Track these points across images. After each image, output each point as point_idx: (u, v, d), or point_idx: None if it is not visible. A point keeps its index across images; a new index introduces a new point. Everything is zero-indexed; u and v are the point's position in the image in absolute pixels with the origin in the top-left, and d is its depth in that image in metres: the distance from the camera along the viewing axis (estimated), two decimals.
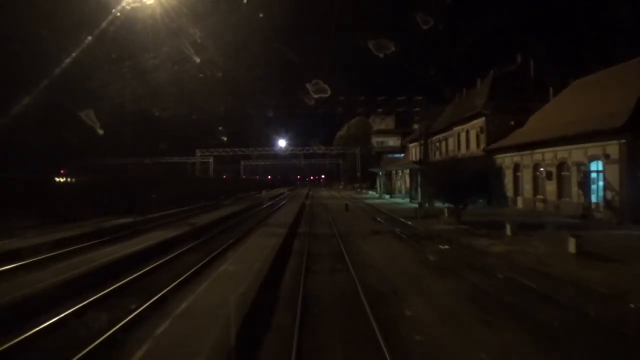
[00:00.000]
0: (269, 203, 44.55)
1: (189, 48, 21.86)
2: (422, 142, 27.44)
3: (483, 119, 34.79)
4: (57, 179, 31.24)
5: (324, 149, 77.26)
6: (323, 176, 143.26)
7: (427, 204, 27.83)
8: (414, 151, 58.18)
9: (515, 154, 29.98)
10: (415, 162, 36.17)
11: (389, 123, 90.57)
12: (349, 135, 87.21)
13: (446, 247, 16.44)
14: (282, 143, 79.68)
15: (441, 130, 46.68)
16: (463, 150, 39.29)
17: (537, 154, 27.30)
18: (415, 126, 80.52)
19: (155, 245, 15.14)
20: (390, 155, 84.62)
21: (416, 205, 32.92)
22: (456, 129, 41.40)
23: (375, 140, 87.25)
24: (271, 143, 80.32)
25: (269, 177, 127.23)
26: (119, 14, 19.30)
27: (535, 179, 27.87)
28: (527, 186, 28.70)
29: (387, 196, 47.69)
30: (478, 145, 36.09)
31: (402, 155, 78.65)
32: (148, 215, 25.52)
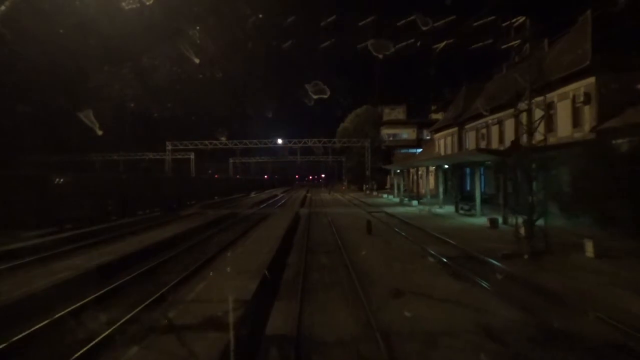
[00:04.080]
0: (249, 212, 31.09)
1: (188, 48, 20.79)
2: (525, 107, 13.68)
3: (592, 80, 21.26)
4: None
5: (326, 141, 63.76)
6: (323, 175, 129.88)
7: (516, 221, 14.63)
8: (444, 142, 44.71)
9: None
10: (488, 152, 22.41)
11: (399, 114, 77.14)
12: (354, 127, 73.44)
13: None
14: (279, 141, 66.29)
15: (487, 112, 33.22)
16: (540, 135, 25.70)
17: None
18: (434, 116, 67.12)
19: None
20: (403, 151, 71.30)
21: (478, 221, 19.45)
22: (523, 104, 27.76)
23: (386, 132, 73.67)
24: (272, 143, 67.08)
25: (266, 176, 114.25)
26: None
27: None
28: None
29: (415, 202, 34.22)
30: (576, 124, 22.55)
31: (419, 150, 65.28)
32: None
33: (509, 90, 31.21)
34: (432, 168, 45.57)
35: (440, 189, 30.54)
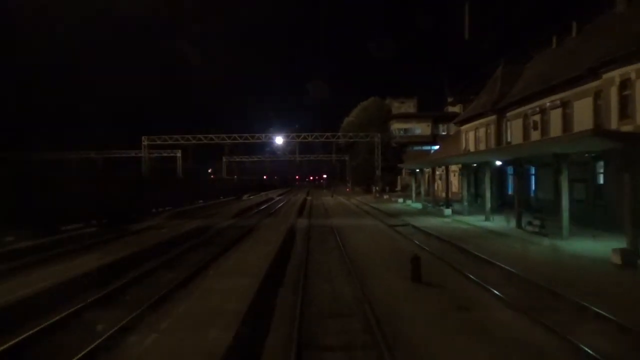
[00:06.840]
0: (227, 224, 23.01)
1: (187, 47, 10.58)
2: None
3: None
4: None
5: (329, 136, 55.58)
6: (325, 176, 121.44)
7: None
8: (475, 135, 36.53)
9: None
10: (618, 136, 13.94)
11: (409, 108, 69.10)
12: (360, 122, 65.08)
13: None
14: (279, 140, 57.98)
15: (544, 91, 25.26)
16: None
17: None
18: (452, 108, 59.02)
19: None
20: (416, 148, 63.16)
21: (572, 247, 11.29)
22: (611, 75, 19.51)
23: (396, 127, 65.42)
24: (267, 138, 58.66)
25: (264, 177, 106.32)
26: None
27: None
28: None
29: (447, 210, 26.02)
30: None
31: (435, 147, 57.16)
32: None
33: (583, 59, 23.11)
34: (453, 167, 37.61)
35: (488, 195, 22.41)
